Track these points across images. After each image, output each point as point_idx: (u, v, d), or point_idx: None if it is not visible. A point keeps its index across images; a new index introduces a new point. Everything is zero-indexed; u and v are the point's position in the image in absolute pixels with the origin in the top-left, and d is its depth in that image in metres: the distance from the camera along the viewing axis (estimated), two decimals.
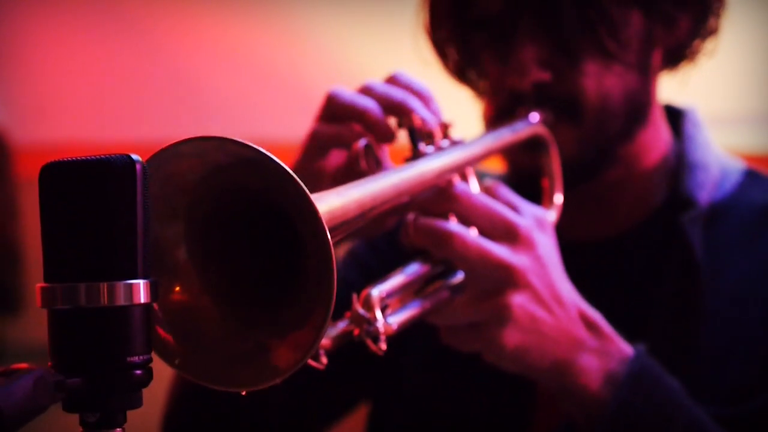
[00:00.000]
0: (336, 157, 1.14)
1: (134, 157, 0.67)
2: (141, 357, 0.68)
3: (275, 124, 1.14)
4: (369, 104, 1.10)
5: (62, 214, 0.67)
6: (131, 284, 0.67)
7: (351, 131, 1.12)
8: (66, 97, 3.73)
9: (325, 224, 0.73)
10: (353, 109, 1.10)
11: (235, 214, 0.80)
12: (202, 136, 0.75)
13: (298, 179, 0.73)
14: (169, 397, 1.31)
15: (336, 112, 1.11)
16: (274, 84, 3.63)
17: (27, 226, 3.52)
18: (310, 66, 3.54)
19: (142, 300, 0.67)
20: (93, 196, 0.66)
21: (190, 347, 0.77)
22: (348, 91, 1.12)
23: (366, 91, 1.12)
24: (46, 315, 0.68)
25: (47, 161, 0.67)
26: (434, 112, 1.12)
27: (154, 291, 0.68)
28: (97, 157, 0.67)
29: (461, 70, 1.32)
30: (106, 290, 0.66)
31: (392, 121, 1.12)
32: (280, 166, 0.73)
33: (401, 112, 1.10)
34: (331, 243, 0.73)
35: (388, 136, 1.11)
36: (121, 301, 0.67)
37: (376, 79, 1.15)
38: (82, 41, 3.74)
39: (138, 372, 0.68)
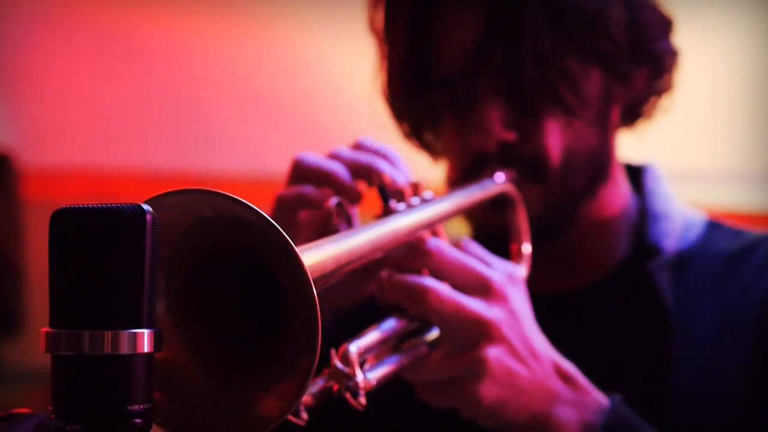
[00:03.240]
0: (305, 218, 1.14)
1: (145, 207, 0.67)
2: (142, 406, 0.68)
3: (280, 155, 1.15)
4: (335, 167, 1.11)
5: (70, 260, 0.67)
6: (135, 333, 0.67)
7: (314, 191, 1.12)
8: (73, 121, 3.75)
9: (310, 276, 0.74)
10: (319, 172, 1.11)
11: (216, 267, 0.81)
12: (183, 189, 0.75)
13: (283, 232, 0.73)
14: None
15: (303, 176, 1.12)
16: (280, 115, 3.65)
17: (30, 248, 3.53)
18: (316, 97, 3.56)
19: (146, 349, 0.67)
20: (102, 245, 0.67)
21: (170, 402, 0.77)
22: (313, 155, 1.13)
23: (333, 156, 1.13)
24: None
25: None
26: (403, 173, 1.12)
27: (158, 341, 0.68)
28: (108, 205, 0.67)
29: (418, 133, 1.33)
30: (110, 338, 0.67)
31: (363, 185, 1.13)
32: (265, 218, 0.73)
33: (369, 174, 1.11)
34: (315, 294, 0.73)
35: (356, 198, 1.12)
36: (124, 349, 0.67)
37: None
38: (91, 67, 3.76)
39: (138, 421, 0.68)
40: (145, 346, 0.68)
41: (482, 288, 1.07)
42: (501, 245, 1.23)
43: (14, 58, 3.74)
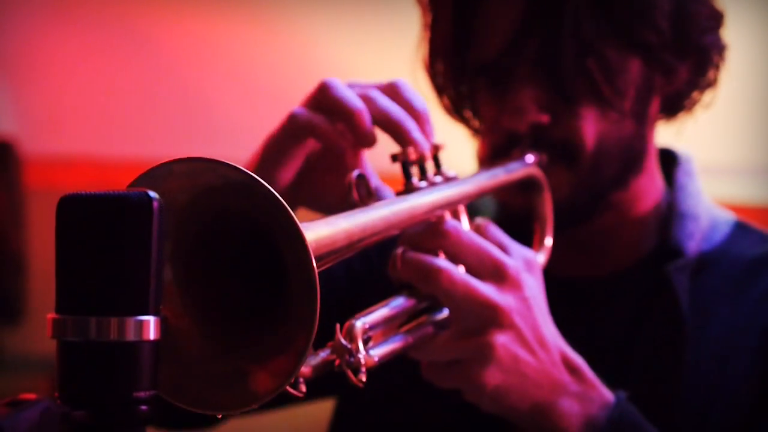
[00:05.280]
0: (309, 145, 1.13)
1: (151, 194, 0.67)
2: (147, 393, 0.68)
3: None
4: (360, 108, 1.08)
5: (77, 247, 0.67)
6: (141, 320, 0.67)
7: (331, 126, 1.09)
8: (76, 110, 3.74)
9: (311, 253, 0.74)
10: (343, 107, 1.08)
11: (221, 237, 0.81)
12: (194, 157, 0.75)
13: (287, 206, 0.73)
14: None
15: (324, 103, 1.09)
16: (283, 105, 3.63)
17: (32, 236, 3.53)
18: None
19: (152, 336, 0.68)
20: (108, 231, 0.67)
21: (167, 368, 0.76)
22: (343, 86, 1.09)
23: (365, 98, 1.09)
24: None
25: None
26: (428, 134, 1.10)
27: (164, 328, 0.69)
28: (115, 192, 0.67)
29: (457, 107, 1.33)
30: (116, 325, 0.67)
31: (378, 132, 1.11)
32: (271, 192, 0.73)
33: (395, 132, 1.09)
34: (316, 272, 0.74)
35: (369, 142, 1.10)
36: (130, 336, 0.67)
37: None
38: (94, 56, 3.76)
39: (143, 407, 0.68)
40: (151, 333, 0.68)
41: (496, 273, 1.06)
42: (524, 227, 1.22)
43: (18, 47, 3.74)
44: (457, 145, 1.25)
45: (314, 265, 0.74)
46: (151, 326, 0.68)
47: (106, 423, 0.67)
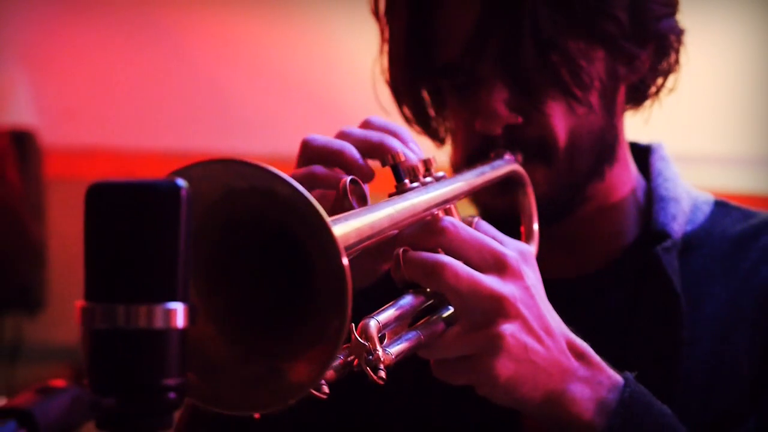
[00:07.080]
0: (318, 195, 1.13)
1: (179, 182, 0.68)
2: (176, 380, 0.68)
3: (299, 136, 1.15)
4: (344, 146, 1.10)
5: (106, 234, 0.68)
6: (169, 308, 0.68)
7: (325, 171, 1.11)
8: (96, 100, 3.76)
9: (340, 245, 0.74)
10: (328, 151, 1.10)
11: (241, 237, 0.81)
12: (210, 160, 0.76)
13: (313, 200, 0.74)
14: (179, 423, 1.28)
15: (312, 157, 1.11)
16: (300, 96, 3.64)
17: (52, 226, 3.55)
18: (337, 78, 3.56)
19: (180, 324, 0.68)
20: (137, 219, 0.67)
21: (197, 374, 0.77)
22: (320, 136, 1.12)
23: (342, 135, 1.12)
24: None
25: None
26: (413, 151, 1.12)
27: (192, 315, 0.69)
28: (144, 180, 0.68)
29: (421, 117, 1.33)
30: (144, 313, 0.67)
31: (374, 164, 1.12)
32: (294, 187, 0.74)
33: (381, 152, 1.11)
34: (345, 257, 0.74)
35: (368, 176, 1.11)
36: (159, 324, 0.67)
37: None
38: (114, 47, 3.77)
39: (172, 395, 0.68)
40: (180, 320, 0.68)
41: (497, 265, 1.06)
42: (507, 229, 1.23)
43: (38, 38, 3.75)
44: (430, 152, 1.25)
45: (342, 250, 0.74)
46: (180, 314, 0.68)
47: (135, 410, 0.68)
